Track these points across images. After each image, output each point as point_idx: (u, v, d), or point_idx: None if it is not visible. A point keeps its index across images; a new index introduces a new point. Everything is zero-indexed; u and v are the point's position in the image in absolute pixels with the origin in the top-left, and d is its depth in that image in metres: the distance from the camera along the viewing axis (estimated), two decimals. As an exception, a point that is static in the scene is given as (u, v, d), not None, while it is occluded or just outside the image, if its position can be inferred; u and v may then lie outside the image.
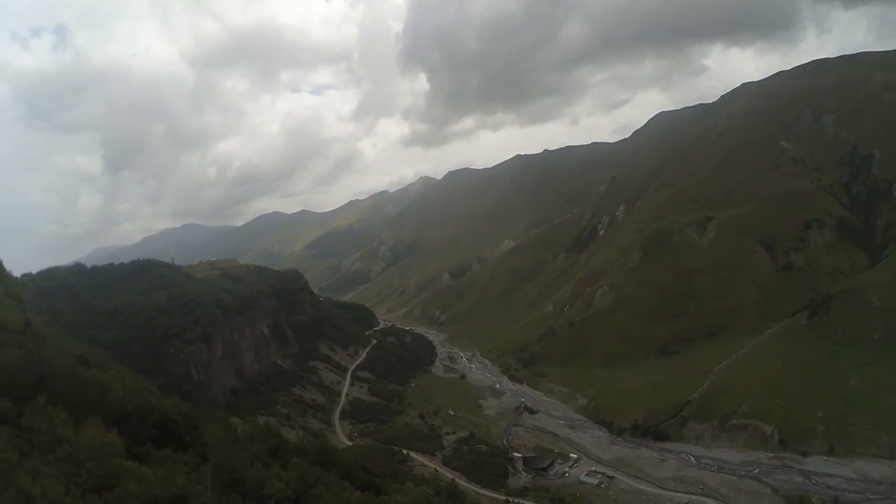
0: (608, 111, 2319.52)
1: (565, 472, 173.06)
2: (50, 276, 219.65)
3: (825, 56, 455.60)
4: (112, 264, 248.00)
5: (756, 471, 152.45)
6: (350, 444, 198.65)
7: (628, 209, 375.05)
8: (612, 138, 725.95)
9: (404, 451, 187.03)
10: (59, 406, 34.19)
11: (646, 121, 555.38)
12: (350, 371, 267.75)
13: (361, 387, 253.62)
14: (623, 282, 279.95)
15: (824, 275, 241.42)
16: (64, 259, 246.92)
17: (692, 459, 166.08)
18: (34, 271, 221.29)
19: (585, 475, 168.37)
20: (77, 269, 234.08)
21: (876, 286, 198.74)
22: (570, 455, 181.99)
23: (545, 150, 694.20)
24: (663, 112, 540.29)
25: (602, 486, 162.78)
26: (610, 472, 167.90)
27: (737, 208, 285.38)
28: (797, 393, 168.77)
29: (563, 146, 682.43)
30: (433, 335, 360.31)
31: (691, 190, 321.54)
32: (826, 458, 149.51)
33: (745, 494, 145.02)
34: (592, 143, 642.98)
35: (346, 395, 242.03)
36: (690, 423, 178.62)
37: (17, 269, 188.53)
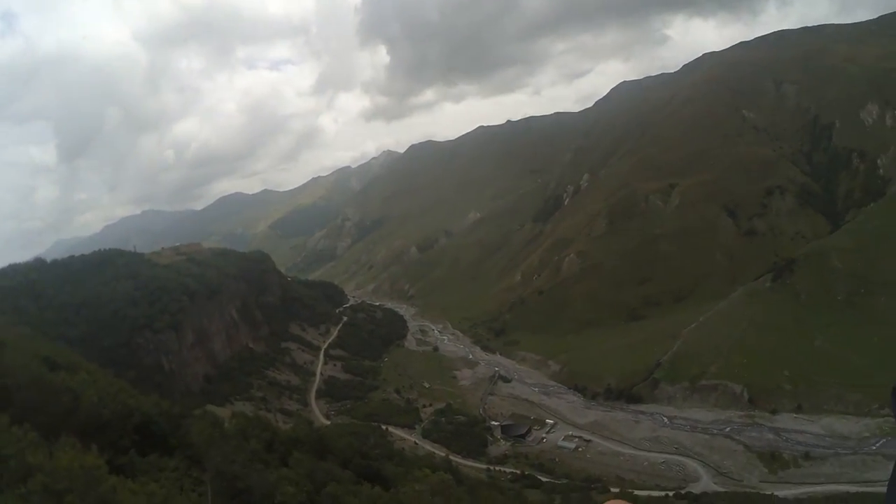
0: (571, 81, 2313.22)
1: (543, 438, 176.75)
2: (10, 275, 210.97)
3: (787, 27, 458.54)
4: (73, 257, 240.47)
5: (728, 429, 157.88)
6: (328, 423, 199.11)
7: (592, 178, 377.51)
8: (576, 108, 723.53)
9: (383, 427, 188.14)
10: (27, 423, 30.51)
11: (608, 90, 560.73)
12: (323, 350, 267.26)
13: (335, 365, 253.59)
14: (590, 249, 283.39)
15: (787, 240, 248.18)
16: (24, 255, 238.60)
17: (665, 420, 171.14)
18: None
19: (563, 440, 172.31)
20: (38, 265, 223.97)
21: (838, 250, 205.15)
22: (547, 421, 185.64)
23: (508, 121, 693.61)
24: (626, 81, 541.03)
25: (580, 449, 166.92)
26: (587, 436, 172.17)
27: (700, 176, 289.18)
28: (764, 353, 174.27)
29: (527, 116, 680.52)
30: (403, 309, 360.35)
31: (655, 158, 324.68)
32: (795, 415, 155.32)
33: (719, 452, 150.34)
34: (556, 113, 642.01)
35: (321, 374, 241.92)
36: (662, 385, 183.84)
37: None
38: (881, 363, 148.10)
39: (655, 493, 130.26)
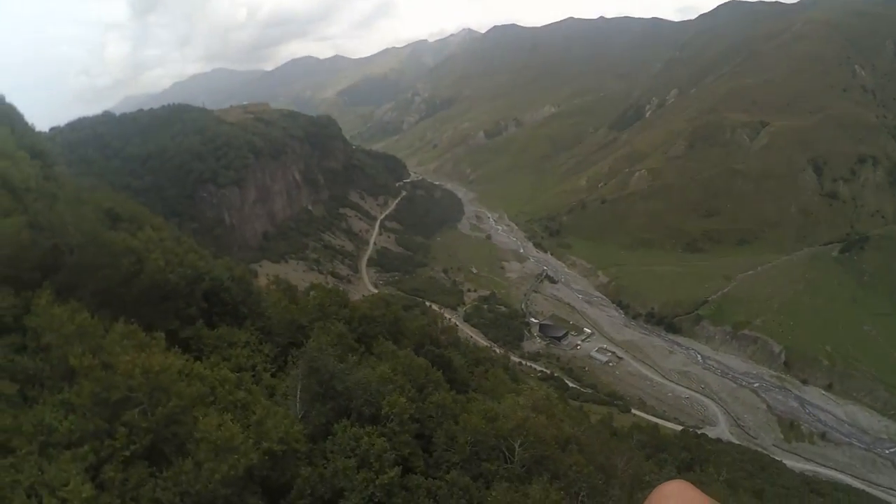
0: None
1: (577, 345, 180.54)
2: (78, 127, 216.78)
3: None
4: (142, 111, 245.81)
5: (756, 384, 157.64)
6: (375, 291, 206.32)
7: (680, 95, 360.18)
8: (675, 17, 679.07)
9: (426, 303, 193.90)
10: (78, 293, 27.13)
11: (715, 6, 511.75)
12: (379, 220, 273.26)
13: (389, 237, 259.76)
14: (663, 168, 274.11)
15: (866, 214, 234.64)
16: (94, 110, 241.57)
17: (699, 358, 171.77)
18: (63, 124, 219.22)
19: (596, 351, 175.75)
20: (106, 118, 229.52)
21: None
22: (585, 329, 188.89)
23: (601, 17, 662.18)
24: (735, 1, 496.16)
25: (610, 364, 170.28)
26: (620, 353, 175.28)
27: (794, 121, 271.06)
28: (812, 322, 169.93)
29: (622, 16, 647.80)
30: (462, 193, 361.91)
31: (751, 90, 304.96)
32: (824, 392, 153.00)
33: (742, 404, 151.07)
34: (653, 19, 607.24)
35: (374, 243, 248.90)
36: (704, 323, 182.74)
37: (46, 123, 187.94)
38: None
39: (673, 426, 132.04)
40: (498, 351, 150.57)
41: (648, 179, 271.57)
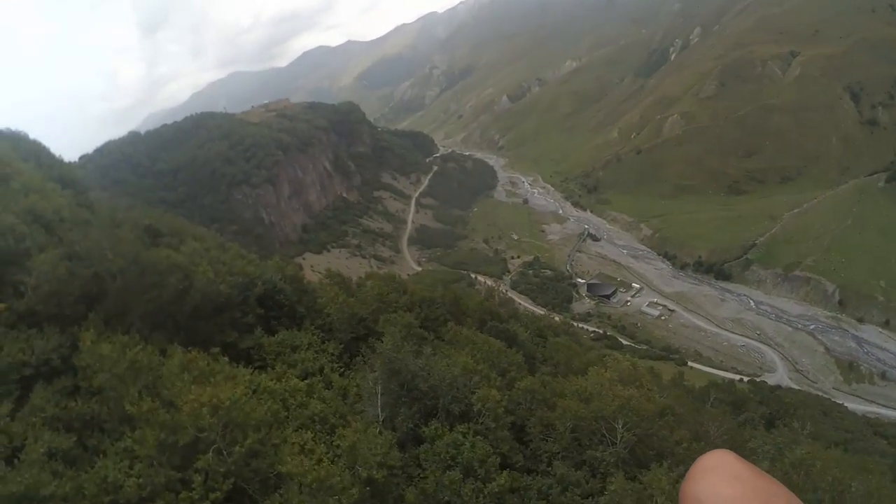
0: None
1: (627, 301, 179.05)
2: (107, 151, 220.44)
3: None
4: (166, 125, 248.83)
5: (812, 326, 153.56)
6: (419, 269, 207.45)
7: (704, 33, 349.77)
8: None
9: (472, 275, 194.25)
10: (130, 317, 26.90)
11: None
12: (414, 198, 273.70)
13: (426, 213, 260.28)
14: (696, 111, 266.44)
15: None
16: (119, 132, 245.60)
17: (751, 303, 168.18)
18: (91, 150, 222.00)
19: (647, 306, 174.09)
20: (133, 138, 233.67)
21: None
22: (633, 285, 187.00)
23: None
24: None
25: (662, 318, 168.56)
26: (671, 306, 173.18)
27: (826, 48, 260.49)
28: (864, 257, 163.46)
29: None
30: (493, 160, 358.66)
31: (777, 19, 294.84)
32: (881, 329, 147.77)
33: (799, 348, 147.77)
34: None
35: (412, 222, 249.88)
36: (754, 268, 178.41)
37: (74, 152, 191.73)
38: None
39: (731, 376, 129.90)
40: (557, 318, 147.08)
41: (682, 124, 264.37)
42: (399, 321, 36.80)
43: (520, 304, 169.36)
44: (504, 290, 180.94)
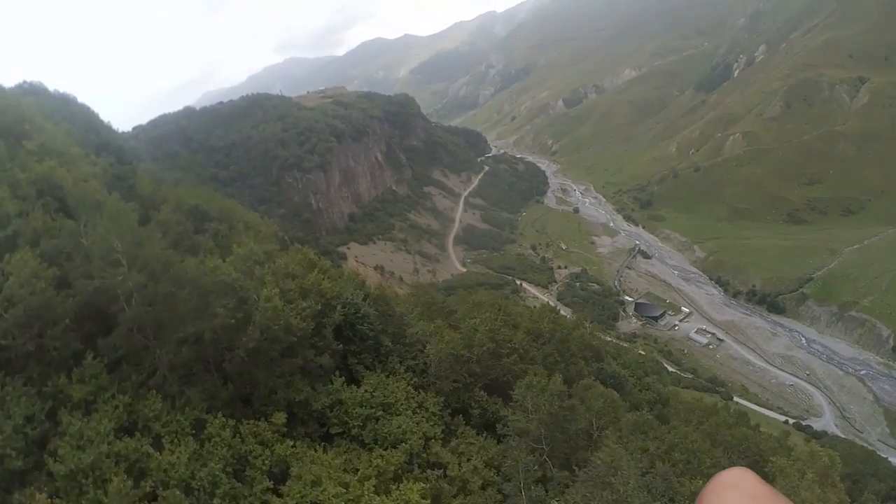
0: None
1: (675, 325, 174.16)
2: (161, 124, 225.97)
3: None
4: (222, 102, 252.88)
5: (863, 371, 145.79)
6: (464, 270, 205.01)
7: (770, 50, 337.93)
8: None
9: (517, 282, 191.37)
10: (147, 362, 20.79)
11: None
12: (463, 197, 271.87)
13: (474, 213, 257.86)
14: (759, 132, 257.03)
15: None
16: (174, 108, 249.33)
17: (803, 341, 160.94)
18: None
19: (695, 332, 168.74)
20: (188, 113, 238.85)
21: None
22: (682, 308, 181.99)
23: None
24: None
25: (711, 346, 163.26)
26: (720, 335, 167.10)
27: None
28: None
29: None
30: (545, 165, 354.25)
31: (847, 42, 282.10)
32: None
33: (848, 393, 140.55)
34: None
35: (460, 220, 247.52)
36: (809, 303, 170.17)
37: (128, 123, 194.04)
38: None
39: (776, 416, 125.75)
40: (643, 352, 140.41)
41: (744, 144, 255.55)
42: (548, 387, 28.98)
43: (564, 313, 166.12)
44: (557, 309, 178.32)
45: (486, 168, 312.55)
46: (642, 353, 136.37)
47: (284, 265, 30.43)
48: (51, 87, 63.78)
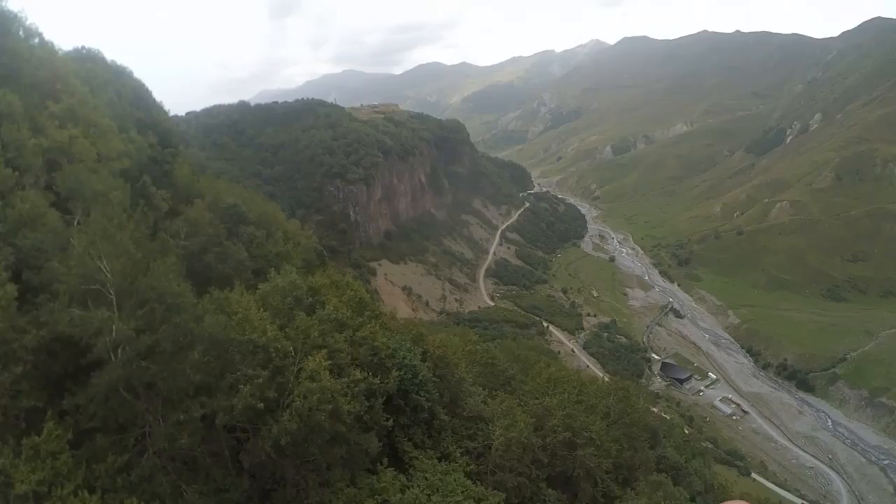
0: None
1: (700, 391, 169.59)
2: (214, 113, 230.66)
3: None
4: (276, 102, 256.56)
5: (886, 461, 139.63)
6: (492, 304, 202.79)
7: (825, 120, 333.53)
8: (817, 30, 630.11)
9: (544, 324, 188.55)
10: (128, 439, 15.44)
11: (859, 23, 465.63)
12: (500, 230, 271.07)
13: (509, 248, 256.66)
14: (808, 202, 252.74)
15: None
16: (229, 100, 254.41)
17: (829, 422, 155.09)
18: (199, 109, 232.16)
19: (720, 400, 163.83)
20: (242, 107, 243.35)
21: None
22: (709, 374, 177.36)
23: (737, 31, 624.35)
24: (881, 17, 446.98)
25: (734, 417, 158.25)
26: (745, 406, 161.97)
27: None
28: None
29: (760, 30, 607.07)
30: (586, 209, 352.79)
31: None
32: None
33: (869, 483, 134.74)
34: (794, 34, 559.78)
35: (494, 253, 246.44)
36: (840, 384, 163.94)
37: (182, 108, 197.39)
38: None
39: (794, 498, 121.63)
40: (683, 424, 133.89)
41: (790, 213, 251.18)
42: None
43: (587, 364, 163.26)
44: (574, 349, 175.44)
45: (527, 204, 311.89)
46: (666, 416, 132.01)
47: (334, 309, 24.26)
48: (109, 59, 62.60)
